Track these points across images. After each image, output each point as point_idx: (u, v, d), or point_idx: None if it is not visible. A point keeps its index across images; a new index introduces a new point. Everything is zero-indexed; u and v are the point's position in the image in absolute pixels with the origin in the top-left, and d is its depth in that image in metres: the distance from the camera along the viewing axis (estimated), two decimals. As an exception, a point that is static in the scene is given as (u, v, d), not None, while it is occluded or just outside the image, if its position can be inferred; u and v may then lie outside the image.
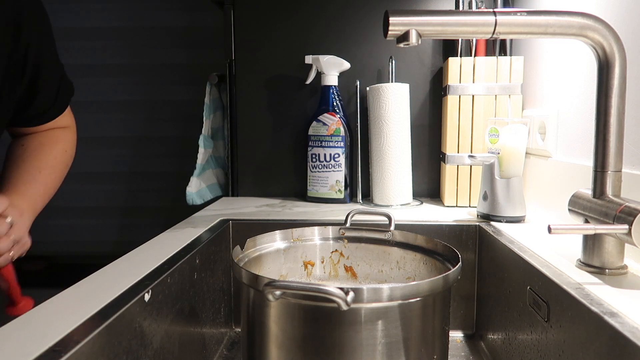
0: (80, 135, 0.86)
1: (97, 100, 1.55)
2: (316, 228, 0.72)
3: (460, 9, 1.03)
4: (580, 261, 0.58)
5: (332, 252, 0.72)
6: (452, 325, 0.87)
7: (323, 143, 1.06)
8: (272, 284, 0.45)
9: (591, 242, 0.56)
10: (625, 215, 0.50)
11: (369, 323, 0.47)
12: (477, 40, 1.02)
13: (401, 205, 1.03)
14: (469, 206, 1.01)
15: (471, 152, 1.00)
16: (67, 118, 0.82)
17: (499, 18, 0.53)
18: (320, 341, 0.48)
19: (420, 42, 0.53)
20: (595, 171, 0.56)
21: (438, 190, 1.12)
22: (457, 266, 0.54)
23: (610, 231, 0.51)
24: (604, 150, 0.55)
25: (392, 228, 0.69)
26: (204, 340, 0.74)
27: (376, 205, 1.04)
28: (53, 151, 0.78)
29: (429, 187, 1.13)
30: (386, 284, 0.47)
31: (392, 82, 1.05)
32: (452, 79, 0.99)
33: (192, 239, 0.74)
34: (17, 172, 0.73)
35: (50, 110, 0.77)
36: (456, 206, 1.01)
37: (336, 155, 1.06)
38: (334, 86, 1.07)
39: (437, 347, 0.53)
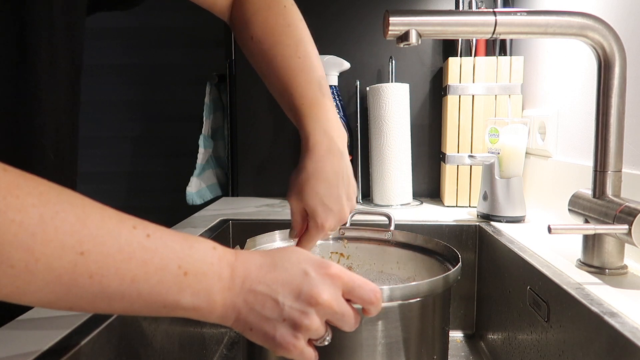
0: (80, 135, 0.86)
1: (97, 100, 1.55)
2: (316, 228, 0.72)
3: (460, 9, 1.03)
4: (580, 261, 0.58)
5: (332, 252, 0.72)
6: (452, 325, 0.87)
7: (323, 143, 1.06)
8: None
9: (591, 242, 0.56)
10: (625, 215, 0.50)
11: (369, 323, 0.47)
12: (477, 40, 1.02)
13: (401, 205, 1.03)
14: (469, 206, 1.01)
15: (471, 152, 1.00)
16: None
17: (499, 18, 0.53)
18: (320, 341, 0.48)
19: (420, 42, 0.53)
20: (595, 171, 0.56)
21: (438, 190, 1.12)
22: (457, 266, 0.54)
23: (610, 231, 0.51)
24: (604, 150, 0.55)
25: (392, 228, 0.69)
26: (204, 340, 0.74)
27: (376, 205, 1.04)
28: (288, 16, 0.60)
29: (429, 187, 1.13)
30: (386, 285, 0.47)
31: (392, 82, 1.05)
32: (452, 79, 0.99)
33: (192, 239, 0.74)
34: (285, 82, 0.57)
35: None
36: (456, 206, 1.01)
37: (336, 155, 1.06)
38: (334, 86, 1.07)
39: (437, 347, 0.53)
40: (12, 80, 0.44)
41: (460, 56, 1.01)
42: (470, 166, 1.00)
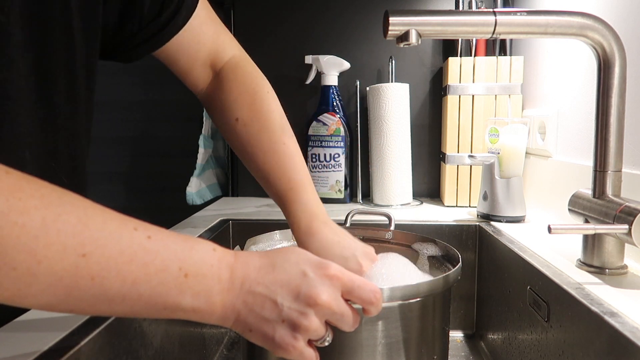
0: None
1: (97, 100, 1.55)
2: (316, 228, 0.72)
3: (460, 9, 1.03)
4: (580, 261, 0.58)
5: (332, 252, 0.72)
6: (452, 325, 0.87)
7: (323, 143, 1.06)
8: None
9: (591, 242, 0.56)
10: (625, 215, 0.50)
11: (369, 323, 0.47)
12: (477, 40, 1.02)
13: (401, 205, 1.03)
14: (469, 206, 1.01)
15: (471, 152, 1.00)
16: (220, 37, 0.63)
17: (499, 18, 0.53)
18: (320, 341, 0.47)
19: (420, 42, 0.53)
20: (595, 171, 0.56)
21: (438, 190, 1.12)
22: (457, 266, 0.54)
23: (610, 231, 0.51)
24: (604, 150, 0.55)
25: (392, 228, 0.69)
26: (204, 340, 0.74)
27: (376, 205, 1.04)
28: (269, 104, 0.61)
29: (429, 187, 1.13)
30: (386, 285, 0.47)
31: (392, 82, 1.05)
32: (452, 78, 0.99)
33: (192, 239, 0.74)
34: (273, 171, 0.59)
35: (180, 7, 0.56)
36: (456, 206, 1.01)
37: (336, 155, 1.06)
38: (334, 86, 1.07)
39: (437, 347, 0.53)
40: (32, 103, 0.43)
41: (460, 56, 1.01)
42: (470, 166, 1.00)
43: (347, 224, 0.71)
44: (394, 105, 1.01)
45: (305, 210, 0.57)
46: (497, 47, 1.02)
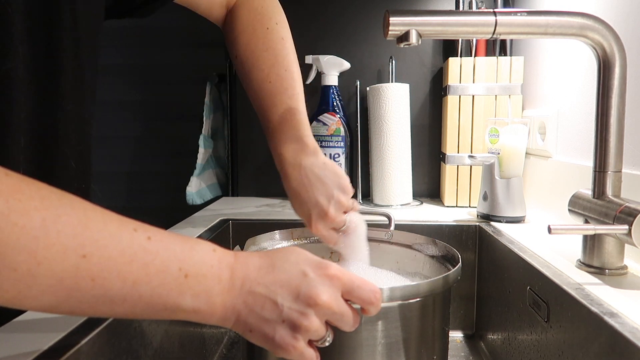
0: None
1: (98, 100, 1.55)
2: (316, 228, 0.72)
3: (460, 9, 1.03)
4: (580, 261, 0.58)
5: (332, 252, 0.72)
6: (452, 325, 0.87)
7: (323, 143, 1.06)
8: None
9: (591, 243, 0.56)
10: (625, 216, 0.50)
11: (369, 323, 0.47)
12: (477, 40, 1.02)
13: (401, 205, 1.03)
14: (469, 206, 1.01)
15: (471, 152, 1.00)
16: None
17: (499, 18, 0.53)
18: (320, 341, 0.47)
19: (420, 42, 0.53)
20: (595, 171, 0.56)
21: (438, 190, 1.12)
22: (457, 266, 0.54)
23: (610, 231, 0.51)
24: (604, 151, 0.55)
25: (392, 228, 0.69)
26: (204, 340, 0.74)
27: (376, 205, 1.04)
28: (271, 35, 0.64)
29: (429, 187, 1.13)
30: (386, 285, 0.47)
31: (392, 82, 1.05)
32: (452, 79, 0.99)
33: (192, 239, 0.74)
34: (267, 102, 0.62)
35: None
36: (456, 206, 1.01)
37: (336, 155, 1.06)
38: (334, 86, 1.07)
39: (437, 347, 0.53)
40: (39, 91, 0.44)
41: (461, 56, 1.01)
42: (470, 166, 1.00)
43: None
44: (394, 105, 1.01)
45: (282, 148, 0.60)
46: (497, 47, 1.02)
